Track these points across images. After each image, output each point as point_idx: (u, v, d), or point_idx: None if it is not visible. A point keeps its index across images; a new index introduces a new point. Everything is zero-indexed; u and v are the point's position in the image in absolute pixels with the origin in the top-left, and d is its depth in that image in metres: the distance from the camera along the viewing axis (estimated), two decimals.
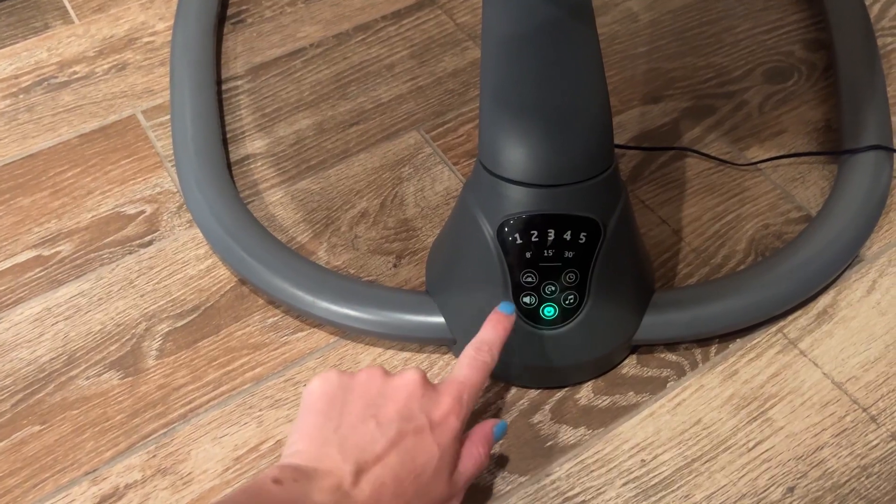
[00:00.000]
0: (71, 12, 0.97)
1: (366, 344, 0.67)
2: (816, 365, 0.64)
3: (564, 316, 0.61)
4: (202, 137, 0.79)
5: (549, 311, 0.61)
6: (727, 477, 0.59)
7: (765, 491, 0.58)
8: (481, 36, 0.58)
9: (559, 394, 0.64)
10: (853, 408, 0.62)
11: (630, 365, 0.65)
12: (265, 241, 0.70)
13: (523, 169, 0.58)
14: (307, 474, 0.49)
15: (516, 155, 0.58)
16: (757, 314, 0.65)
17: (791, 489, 0.58)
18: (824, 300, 0.68)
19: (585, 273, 0.60)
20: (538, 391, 0.64)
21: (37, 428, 0.64)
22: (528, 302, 0.60)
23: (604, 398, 0.63)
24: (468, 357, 0.57)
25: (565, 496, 0.59)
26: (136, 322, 0.69)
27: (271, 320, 0.69)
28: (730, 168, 0.78)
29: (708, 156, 0.78)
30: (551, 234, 0.59)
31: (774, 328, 0.66)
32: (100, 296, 0.71)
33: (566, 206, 0.59)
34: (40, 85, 0.89)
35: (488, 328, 0.58)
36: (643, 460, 0.60)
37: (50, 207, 0.78)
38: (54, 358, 0.67)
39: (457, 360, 0.57)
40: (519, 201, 0.59)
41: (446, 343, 0.66)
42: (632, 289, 0.64)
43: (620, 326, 0.63)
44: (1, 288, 0.72)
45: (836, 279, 0.69)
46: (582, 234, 0.59)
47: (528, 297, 0.60)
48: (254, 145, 0.82)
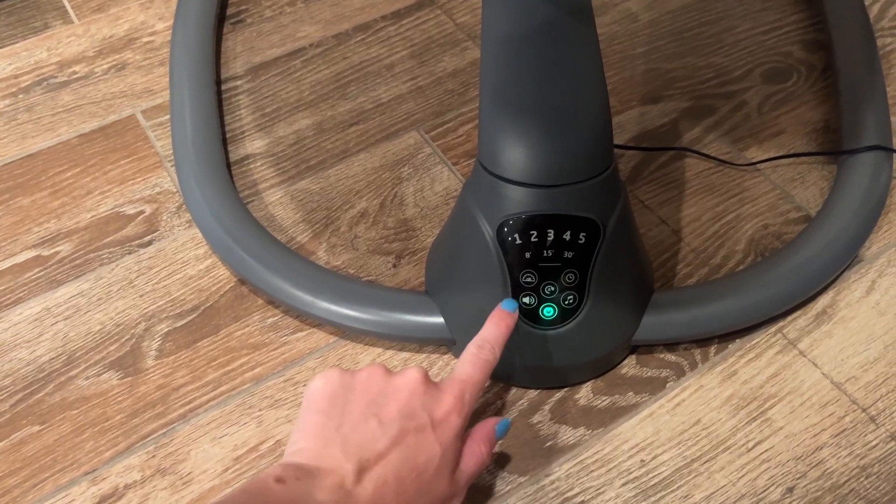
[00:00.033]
0: (70, 12, 0.97)
1: (365, 344, 0.67)
2: (816, 365, 0.64)
3: (564, 316, 0.61)
4: (202, 137, 0.79)
5: (549, 312, 0.61)
6: (726, 477, 0.59)
7: (764, 491, 0.58)
8: (481, 36, 0.58)
9: (558, 394, 0.64)
10: (852, 408, 0.62)
11: (629, 365, 0.65)
12: (265, 241, 0.70)
13: (523, 169, 0.58)
14: (310, 473, 0.49)
15: (516, 155, 0.58)
16: (756, 314, 0.65)
17: (790, 489, 0.58)
18: (823, 300, 0.68)
19: (585, 273, 0.60)
20: (537, 391, 0.64)
21: (36, 428, 0.64)
22: (528, 302, 0.60)
23: (603, 398, 0.63)
24: (470, 355, 0.57)
25: (565, 496, 0.59)
26: (136, 322, 0.69)
27: (271, 320, 0.69)
28: (729, 168, 0.78)
29: (707, 156, 0.78)
30: (551, 235, 0.59)
31: (774, 328, 0.66)
32: (99, 296, 0.71)
33: (566, 207, 0.59)
34: (40, 85, 0.89)
35: (490, 326, 0.58)
36: (643, 460, 0.60)
37: (49, 207, 0.78)
38: (54, 358, 0.67)
39: (459, 358, 0.57)
40: (518, 201, 0.59)
41: (446, 343, 0.66)
42: (631, 289, 0.64)
43: (620, 327, 0.63)
44: (0, 288, 0.72)
45: (836, 279, 0.69)
46: (581, 235, 0.59)
47: (528, 298, 0.60)
48: (253, 145, 0.82)
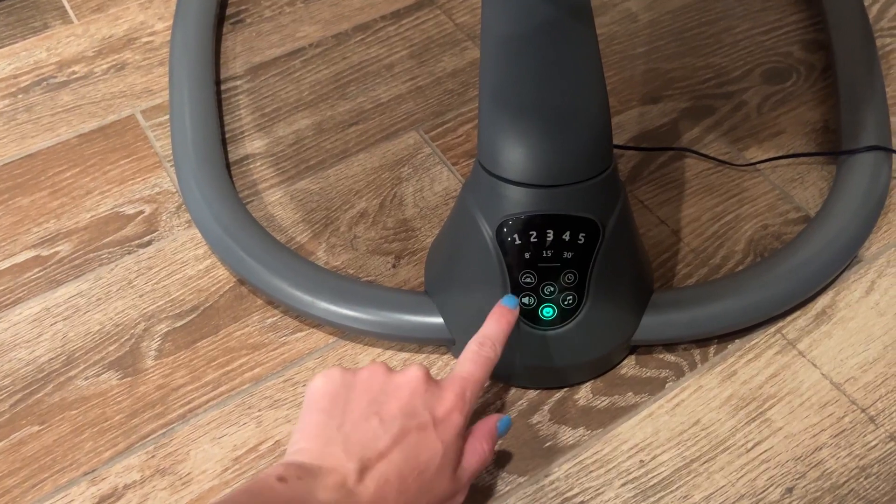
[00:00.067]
0: (70, 12, 0.97)
1: (365, 344, 0.67)
2: (815, 365, 0.64)
3: (563, 316, 0.61)
4: (201, 137, 0.79)
5: (548, 312, 0.61)
6: (726, 477, 0.59)
7: (763, 491, 0.58)
8: (480, 36, 0.58)
9: (558, 394, 0.64)
10: (852, 408, 0.62)
11: (629, 365, 0.65)
12: (264, 242, 0.70)
13: (522, 169, 0.58)
14: (311, 472, 0.49)
15: (515, 155, 0.58)
16: (756, 315, 0.65)
17: (790, 490, 0.58)
18: (823, 301, 0.68)
19: (584, 273, 0.60)
20: (537, 392, 0.64)
21: (35, 428, 0.64)
22: (527, 302, 0.60)
23: (603, 399, 0.63)
24: (471, 352, 0.56)
25: (564, 497, 0.59)
26: (135, 322, 0.69)
27: (270, 320, 0.69)
28: (729, 168, 0.78)
29: (707, 156, 0.78)
30: (550, 235, 0.59)
31: (773, 329, 0.66)
32: (98, 296, 0.71)
33: (565, 207, 0.59)
34: (39, 85, 0.89)
35: (491, 322, 0.58)
36: (642, 461, 0.60)
37: (49, 207, 0.78)
38: (53, 358, 0.67)
39: (460, 356, 0.57)
40: (518, 202, 0.59)
41: (445, 343, 0.66)
42: (631, 289, 0.64)
43: (619, 327, 0.63)
44: (0, 288, 0.72)
45: (835, 280, 0.69)
46: (581, 235, 0.59)
47: (527, 298, 0.60)
48: (253, 145, 0.82)
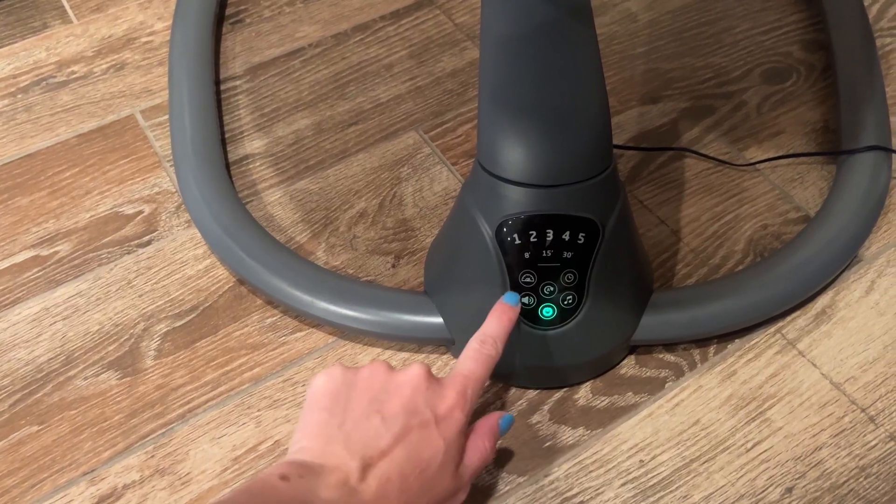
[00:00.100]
0: (69, 12, 0.97)
1: (364, 344, 0.67)
2: (815, 365, 0.64)
3: (563, 316, 0.61)
4: (201, 137, 0.79)
5: (548, 312, 0.61)
6: (725, 477, 0.59)
7: (763, 491, 0.58)
8: (480, 36, 0.58)
9: (558, 394, 0.64)
10: (851, 408, 0.62)
11: (628, 365, 0.65)
12: (264, 242, 0.70)
13: (522, 169, 0.58)
14: (314, 470, 0.49)
15: (515, 155, 0.58)
16: (755, 315, 0.65)
17: (789, 490, 0.58)
18: (823, 301, 0.68)
19: (584, 273, 0.60)
20: (537, 391, 0.64)
21: (35, 428, 0.64)
22: (527, 302, 0.60)
23: (602, 399, 0.63)
24: (472, 350, 0.56)
25: (564, 496, 0.59)
26: (135, 322, 0.69)
27: (270, 320, 0.69)
28: (728, 168, 0.78)
29: (706, 156, 0.78)
30: (550, 235, 0.59)
31: (773, 328, 0.66)
32: (98, 296, 0.71)
33: (565, 207, 0.59)
34: (38, 85, 0.89)
35: (492, 320, 0.58)
36: (642, 461, 0.60)
37: (48, 207, 0.78)
38: (52, 358, 0.67)
39: (461, 353, 0.57)
40: (517, 201, 0.59)
41: (445, 343, 0.66)
42: (630, 289, 0.64)
43: (619, 327, 0.63)
44: None
45: (835, 280, 0.69)
46: (580, 235, 0.59)
47: (527, 298, 0.60)
48: (252, 145, 0.82)
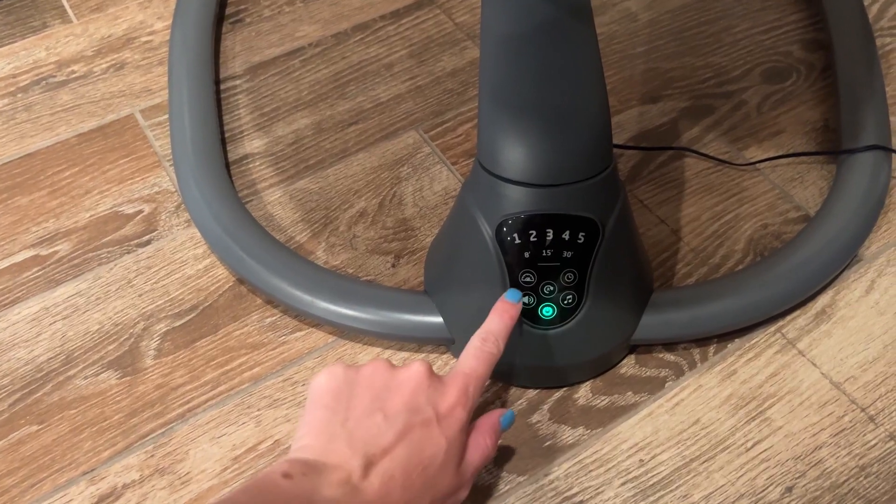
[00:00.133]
0: (69, 11, 0.97)
1: (364, 344, 0.67)
2: (815, 365, 0.64)
3: (563, 316, 0.61)
4: (200, 137, 0.79)
5: (548, 311, 0.61)
6: (725, 477, 0.59)
7: (763, 491, 0.58)
8: (480, 35, 0.58)
9: (558, 394, 0.64)
10: (851, 408, 0.62)
11: (628, 365, 0.65)
12: (263, 241, 0.70)
13: (522, 169, 0.58)
14: (316, 468, 0.49)
15: (515, 154, 0.58)
16: (755, 314, 0.65)
17: (789, 489, 0.58)
18: (823, 300, 0.68)
19: (584, 273, 0.60)
20: (536, 391, 0.64)
21: (34, 428, 0.63)
22: (527, 302, 0.60)
23: (602, 398, 0.63)
24: (474, 348, 0.56)
25: (564, 496, 0.59)
26: (134, 322, 0.69)
27: (269, 320, 0.69)
28: (728, 168, 0.78)
29: (706, 156, 0.78)
30: (550, 234, 0.59)
31: (773, 328, 0.66)
32: (98, 295, 0.71)
33: (565, 206, 0.59)
34: (38, 84, 0.89)
35: (494, 318, 0.58)
36: (641, 460, 0.60)
37: (48, 207, 0.78)
38: (52, 357, 0.67)
39: (463, 351, 0.57)
40: (517, 201, 0.59)
41: (445, 343, 0.66)
42: (630, 289, 0.64)
43: (619, 326, 0.63)
44: None
45: (835, 279, 0.69)
46: (580, 234, 0.59)
47: (527, 297, 0.60)
48: (252, 145, 0.82)
